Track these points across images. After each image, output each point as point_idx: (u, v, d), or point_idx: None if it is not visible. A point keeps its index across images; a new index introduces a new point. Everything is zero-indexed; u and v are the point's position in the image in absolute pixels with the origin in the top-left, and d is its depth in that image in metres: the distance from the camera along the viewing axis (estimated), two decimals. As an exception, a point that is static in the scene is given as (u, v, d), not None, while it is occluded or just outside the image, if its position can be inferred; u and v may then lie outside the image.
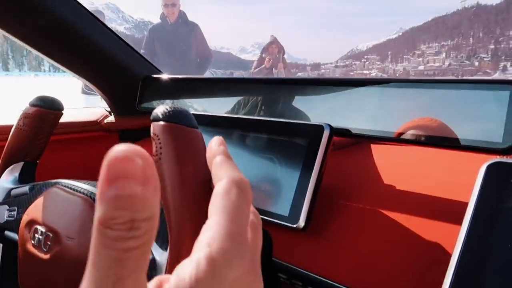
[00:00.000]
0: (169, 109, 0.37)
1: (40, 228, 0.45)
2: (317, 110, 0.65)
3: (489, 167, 0.41)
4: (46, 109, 0.55)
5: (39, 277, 0.44)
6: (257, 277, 0.22)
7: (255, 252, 0.23)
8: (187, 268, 0.18)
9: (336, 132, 0.59)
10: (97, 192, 0.16)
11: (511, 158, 0.45)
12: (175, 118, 0.36)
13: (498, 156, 0.46)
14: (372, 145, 0.75)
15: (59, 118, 0.58)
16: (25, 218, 0.48)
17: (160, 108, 0.37)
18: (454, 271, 0.36)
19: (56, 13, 0.71)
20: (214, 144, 0.28)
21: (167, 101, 0.93)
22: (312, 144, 0.55)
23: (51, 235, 0.43)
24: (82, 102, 3.36)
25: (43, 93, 0.58)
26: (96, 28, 0.78)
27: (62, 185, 0.49)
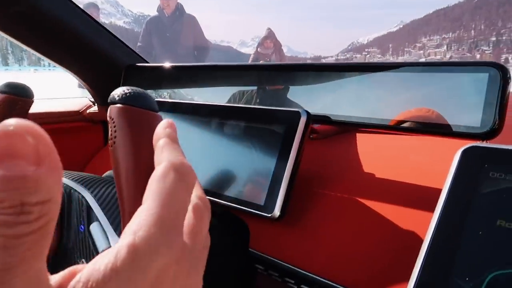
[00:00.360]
0: (126, 91, 0.35)
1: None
2: (310, 101, 0.64)
3: (464, 152, 0.39)
4: (15, 96, 0.54)
5: None
6: (192, 269, 0.20)
7: (196, 240, 0.21)
8: (105, 256, 0.17)
9: (315, 119, 0.58)
10: None
11: (490, 143, 0.44)
12: (132, 100, 0.34)
13: (479, 141, 0.45)
14: (358, 134, 0.73)
15: (29, 106, 0.56)
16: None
17: (118, 90, 0.36)
18: (424, 257, 0.35)
19: (36, 2, 0.70)
20: (160, 128, 0.27)
21: (151, 90, 0.91)
22: (289, 131, 0.53)
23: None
24: (79, 96, 3.36)
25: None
26: (76, 15, 0.76)
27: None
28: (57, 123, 0.85)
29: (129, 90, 0.36)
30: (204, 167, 0.59)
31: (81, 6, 0.80)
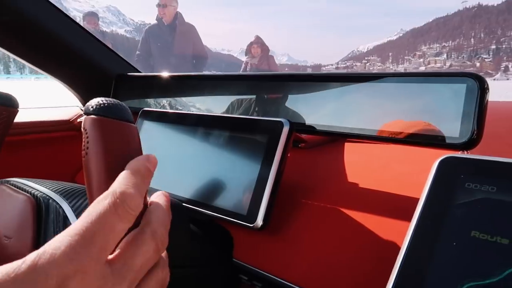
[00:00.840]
0: (100, 102, 0.35)
1: (-18, 226, 0.43)
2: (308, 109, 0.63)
3: (441, 163, 0.39)
4: (0, 106, 0.54)
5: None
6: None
7: (119, 265, 0.22)
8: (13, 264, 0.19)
9: (299, 128, 0.58)
10: None
11: (470, 152, 0.44)
12: (105, 111, 0.34)
13: (458, 152, 0.45)
14: (346, 143, 0.73)
15: (14, 116, 0.56)
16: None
17: (93, 101, 0.36)
18: (398, 267, 0.35)
19: (24, 9, 0.70)
20: (140, 158, 0.29)
21: (145, 99, 0.91)
22: (272, 141, 0.53)
23: (-10, 233, 0.42)
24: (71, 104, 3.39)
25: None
26: (66, 25, 0.77)
27: (10, 184, 0.47)
28: (48, 132, 0.85)
29: (104, 101, 0.36)
30: (188, 176, 0.59)
31: (81, 15, 0.81)
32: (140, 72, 0.94)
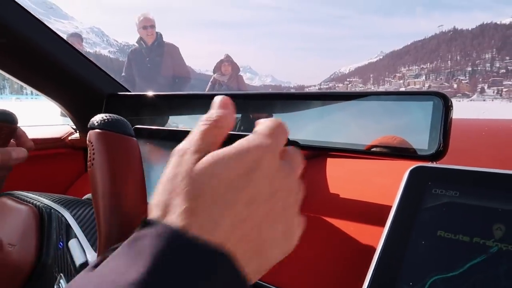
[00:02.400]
0: (105, 117, 0.39)
1: (-15, 236, 0.46)
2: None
3: (411, 172, 0.44)
4: (0, 122, 0.57)
5: (-19, 285, 0.45)
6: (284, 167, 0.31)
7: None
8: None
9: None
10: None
11: (437, 163, 0.49)
12: (109, 126, 0.38)
13: (427, 162, 0.49)
14: (328, 159, 0.78)
15: (14, 132, 0.59)
16: (-28, 228, 0.49)
17: (97, 117, 0.40)
18: (374, 266, 0.39)
19: (17, 31, 0.73)
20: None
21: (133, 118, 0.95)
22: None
23: (-6, 242, 0.44)
24: (61, 123, 3.38)
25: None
26: (59, 46, 0.80)
27: (13, 196, 0.50)
28: (40, 150, 0.87)
29: (108, 117, 0.39)
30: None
31: (65, 36, 0.84)
32: (130, 91, 0.97)
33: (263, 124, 0.31)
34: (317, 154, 0.80)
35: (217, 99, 0.32)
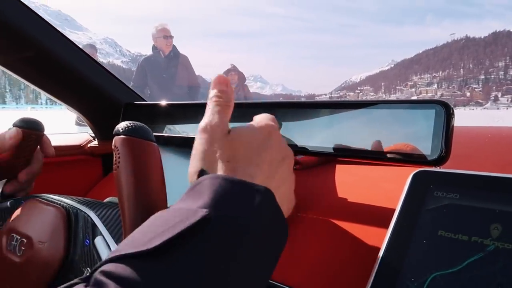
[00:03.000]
0: (129, 124, 0.43)
1: (16, 236, 0.49)
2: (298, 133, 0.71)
3: (414, 176, 0.46)
4: (28, 130, 0.61)
5: (13, 280, 0.48)
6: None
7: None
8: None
9: (293, 150, 0.65)
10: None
11: (440, 168, 0.51)
12: (133, 132, 0.42)
13: (430, 167, 0.52)
14: (337, 166, 0.80)
15: (41, 139, 0.63)
16: (4, 228, 0.52)
17: (122, 124, 0.43)
18: (377, 264, 0.41)
19: (43, 45, 0.78)
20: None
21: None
22: (269, 160, 0.60)
23: (25, 240, 0.48)
24: (76, 131, 3.48)
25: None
26: (80, 58, 0.85)
27: (39, 198, 0.54)
28: (61, 156, 0.91)
29: (131, 124, 0.43)
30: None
31: (80, 46, 0.89)
32: (145, 101, 1.01)
33: (261, 115, 0.40)
34: (326, 161, 0.82)
35: (217, 78, 0.39)
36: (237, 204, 0.30)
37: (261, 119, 0.39)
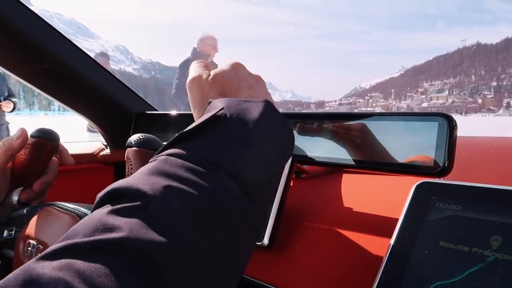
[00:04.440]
0: (140, 136, 0.44)
1: (32, 242, 0.51)
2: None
3: (417, 187, 0.48)
4: (45, 140, 0.63)
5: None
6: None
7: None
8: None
9: (300, 160, 0.66)
10: None
11: (443, 179, 0.52)
12: (144, 144, 0.43)
13: (433, 178, 0.53)
14: (344, 175, 0.82)
15: (56, 148, 0.65)
16: (21, 234, 0.55)
17: (134, 136, 0.45)
18: (381, 273, 0.43)
19: (58, 57, 0.81)
20: None
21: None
22: (276, 170, 0.61)
23: (41, 247, 0.50)
24: (87, 139, 3.55)
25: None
26: (94, 69, 0.87)
27: (54, 206, 0.56)
28: (75, 164, 0.94)
29: (143, 136, 0.45)
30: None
31: (92, 54, 0.91)
32: (156, 110, 1.04)
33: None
34: (332, 170, 0.84)
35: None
36: (248, 109, 0.36)
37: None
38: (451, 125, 0.51)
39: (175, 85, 4.03)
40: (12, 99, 3.38)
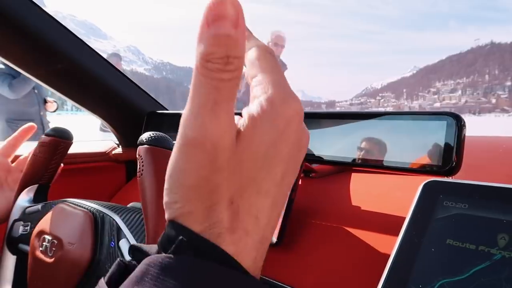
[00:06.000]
0: (152, 134, 0.46)
1: (47, 237, 0.53)
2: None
3: (424, 186, 0.48)
4: (59, 139, 0.65)
5: (44, 279, 0.52)
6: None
7: None
8: (252, 107, 0.22)
9: (309, 159, 0.67)
10: (198, 33, 0.19)
11: (451, 178, 0.53)
12: (155, 142, 0.45)
13: (441, 177, 0.53)
14: (352, 174, 0.82)
15: (69, 147, 0.67)
16: (36, 229, 0.56)
17: (145, 134, 0.46)
18: (387, 270, 0.43)
19: (72, 58, 0.83)
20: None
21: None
22: (284, 169, 0.62)
23: (55, 242, 0.51)
24: (100, 138, 3.63)
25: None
26: (106, 69, 0.89)
27: (68, 202, 0.58)
28: (86, 163, 0.96)
29: (154, 134, 0.46)
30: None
31: (105, 55, 0.93)
32: (167, 110, 1.05)
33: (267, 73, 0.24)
34: (341, 169, 0.84)
35: (214, 5, 0.20)
36: None
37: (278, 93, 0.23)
38: (460, 124, 0.52)
39: (244, 85, 4.00)
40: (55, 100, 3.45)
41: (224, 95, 0.20)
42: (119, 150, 1.03)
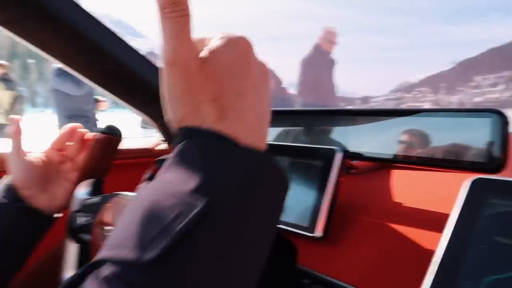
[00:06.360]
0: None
1: (107, 227, 0.57)
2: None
3: (471, 183, 0.48)
4: (112, 136, 0.69)
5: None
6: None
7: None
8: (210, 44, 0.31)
9: (349, 155, 0.68)
10: None
11: (497, 175, 0.53)
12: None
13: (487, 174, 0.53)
14: (392, 171, 0.82)
15: (119, 144, 0.71)
16: (97, 220, 0.61)
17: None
18: (437, 266, 0.44)
19: (118, 58, 0.87)
20: None
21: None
22: (327, 165, 0.64)
23: (115, 232, 0.55)
24: (140, 134, 3.87)
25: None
26: (151, 68, 0.93)
27: (122, 196, 0.62)
28: (134, 158, 1.01)
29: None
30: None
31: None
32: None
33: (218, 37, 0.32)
34: (381, 166, 0.84)
35: None
36: (237, 181, 0.27)
37: (229, 33, 0.31)
38: (504, 121, 0.52)
39: (299, 83, 3.98)
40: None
41: (182, 26, 0.29)
42: (163, 146, 1.08)
